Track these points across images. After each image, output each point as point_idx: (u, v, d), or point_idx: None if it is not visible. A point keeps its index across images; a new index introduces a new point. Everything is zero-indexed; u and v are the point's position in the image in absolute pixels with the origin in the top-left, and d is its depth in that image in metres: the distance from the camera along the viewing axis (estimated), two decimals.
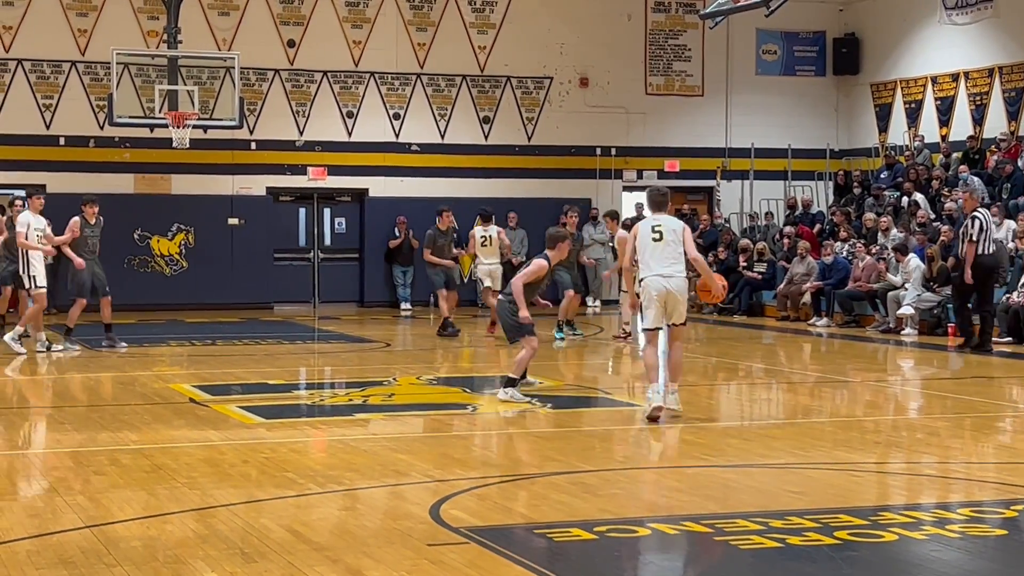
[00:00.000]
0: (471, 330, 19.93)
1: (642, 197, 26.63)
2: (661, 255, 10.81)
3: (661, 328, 10.99)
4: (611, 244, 25.68)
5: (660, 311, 10.81)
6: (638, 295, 11.09)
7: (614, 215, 19.57)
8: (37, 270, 16.13)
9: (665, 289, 10.76)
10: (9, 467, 8.79)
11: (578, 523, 7.03)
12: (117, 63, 20.50)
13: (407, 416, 11.33)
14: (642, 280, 10.92)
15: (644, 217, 25.93)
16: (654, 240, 10.87)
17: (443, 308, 18.75)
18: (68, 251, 16.62)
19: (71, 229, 16.76)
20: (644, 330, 11.07)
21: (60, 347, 16.28)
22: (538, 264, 12.28)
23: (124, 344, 16.80)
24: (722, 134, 27.11)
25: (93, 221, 16.96)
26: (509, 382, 11.94)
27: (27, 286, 16.34)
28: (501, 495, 7.90)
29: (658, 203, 11.31)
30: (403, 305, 24.45)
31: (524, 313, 12.02)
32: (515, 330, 12.23)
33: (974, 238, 16.46)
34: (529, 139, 26.04)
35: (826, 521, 7.05)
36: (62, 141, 23.53)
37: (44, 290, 16.30)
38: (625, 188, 26.75)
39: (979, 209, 16.95)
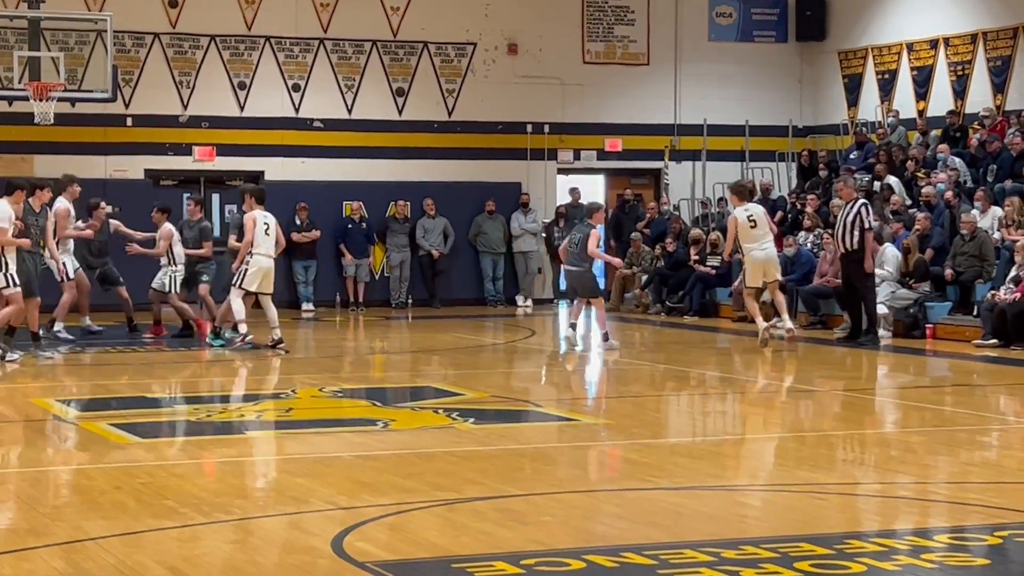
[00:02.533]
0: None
1: (577, 180, 27.00)
2: (757, 235, 17.75)
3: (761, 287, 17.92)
4: (543, 235, 25.80)
5: (760, 273, 17.84)
6: None
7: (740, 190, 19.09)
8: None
9: (764, 257, 17.78)
10: None
11: (503, 556, 7.03)
12: None
13: (307, 434, 11.28)
14: (748, 253, 17.92)
15: (579, 203, 26.22)
16: (751, 227, 17.75)
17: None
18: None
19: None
20: (748, 287, 18.13)
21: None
22: (596, 233, 17.88)
23: (17, 356, 16.37)
24: (670, 109, 27.26)
25: (39, 209, 16.91)
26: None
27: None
28: (415, 524, 7.89)
29: (742, 194, 18.27)
30: (305, 305, 24.35)
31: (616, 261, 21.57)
32: (595, 289, 18.44)
33: (869, 225, 18.02)
34: (450, 114, 26.03)
35: (786, 550, 7.10)
36: None
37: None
38: (560, 170, 26.82)
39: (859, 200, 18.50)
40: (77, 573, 6.77)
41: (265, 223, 17.15)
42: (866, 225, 17.93)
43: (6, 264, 15.92)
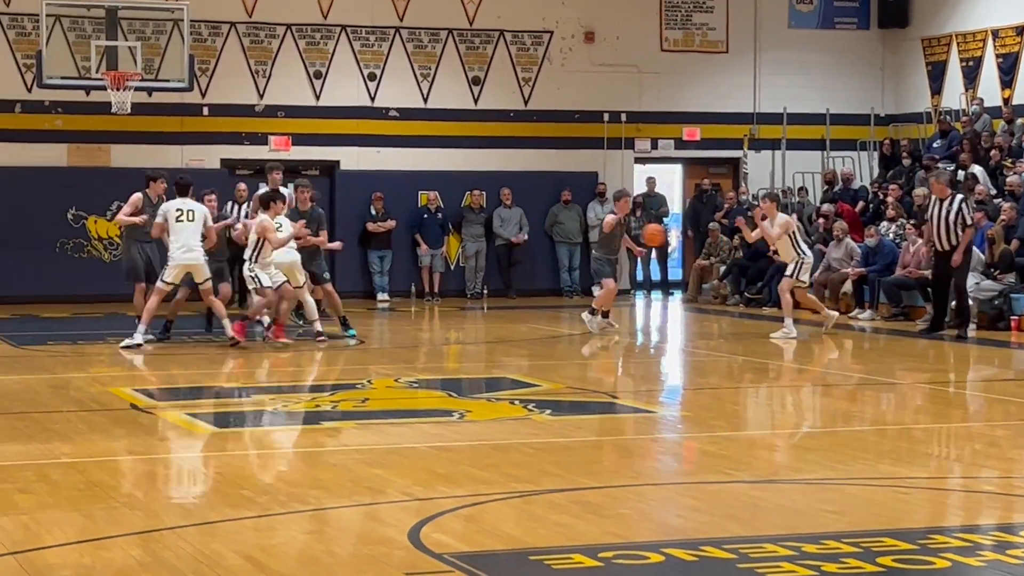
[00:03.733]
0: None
1: (654, 170, 26.92)
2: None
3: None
4: None
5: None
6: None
7: (775, 197, 19.25)
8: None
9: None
10: None
11: (580, 548, 7.03)
12: (47, 15, 20.45)
13: (383, 424, 11.33)
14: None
15: (655, 193, 26.17)
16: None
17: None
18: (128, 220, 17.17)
19: (132, 204, 17.10)
20: (801, 283, 18.48)
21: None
22: (610, 219, 18.21)
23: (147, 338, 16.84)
24: (750, 97, 27.10)
25: (156, 199, 17.15)
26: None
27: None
28: (492, 516, 7.90)
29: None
30: (380, 296, 24.45)
31: (638, 250, 20.39)
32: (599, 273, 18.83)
33: (971, 221, 17.78)
34: (526, 103, 26.02)
35: (868, 545, 7.05)
36: None
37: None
38: (637, 160, 26.74)
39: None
40: (155, 562, 6.84)
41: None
42: (968, 221, 17.65)
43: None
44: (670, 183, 27.83)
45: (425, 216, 24.96)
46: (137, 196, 17.20)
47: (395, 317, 22.28)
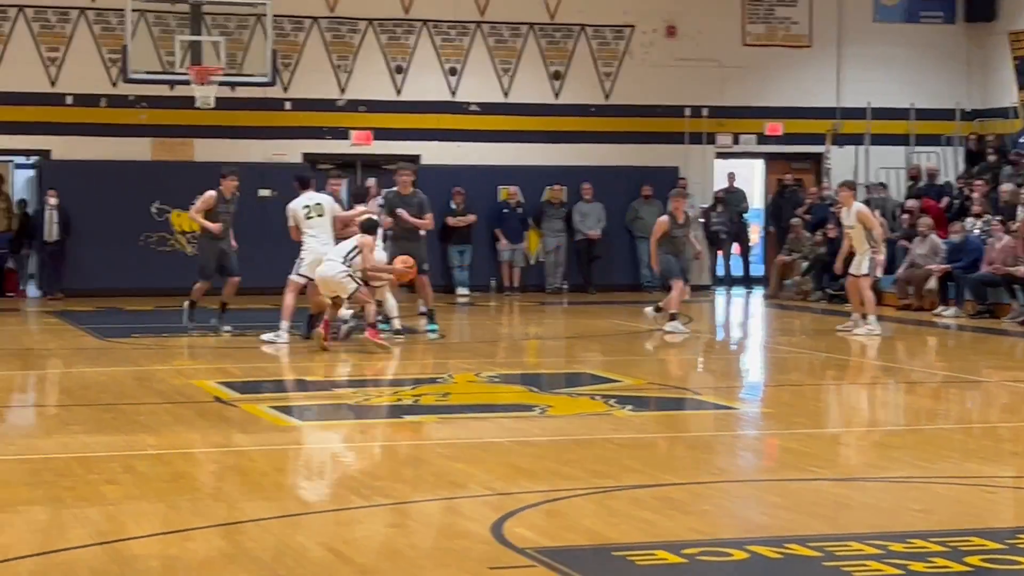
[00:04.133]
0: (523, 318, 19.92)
1: (735, 165, 26.81)
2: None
3: None
4: (700, 220, 25.66)
5: None
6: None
7: (852, 185, 18.86)
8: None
9: None
10: (9, 475, 8.90)
11: (663, 544, 7.01)
12: (132, 10, 20.70)
13: (464, 419, 11.35)
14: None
15: (735, 188, 26.11)
16: None
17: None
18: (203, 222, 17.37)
19: (205, 201, 17.26)
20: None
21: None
22: (661, 220, 17.87)
23: (229, 328, 17.20)
24: (833, 92, 26.91)
25: (230, 196, 17.30)
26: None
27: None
28: (574, 511, 7.90)
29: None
30: (460, 290, 24.51)
31: (653, 264, 18.60)
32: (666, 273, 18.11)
33: None
34: (607, 98, 25.99)
35: (955, 545, 6.98)
36: (69, 100, 23.77)
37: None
38: (719, 155, 26.65)
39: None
40: (239, 553, 6.89)
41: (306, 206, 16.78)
42: None
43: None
44: (751, 178, 27.71)
45: (505, 211, 25.00)
46: (211, 194, 17.27)
47: (475, 312, 22.32)
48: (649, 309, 18.44)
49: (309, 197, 16.65)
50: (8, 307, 22.34)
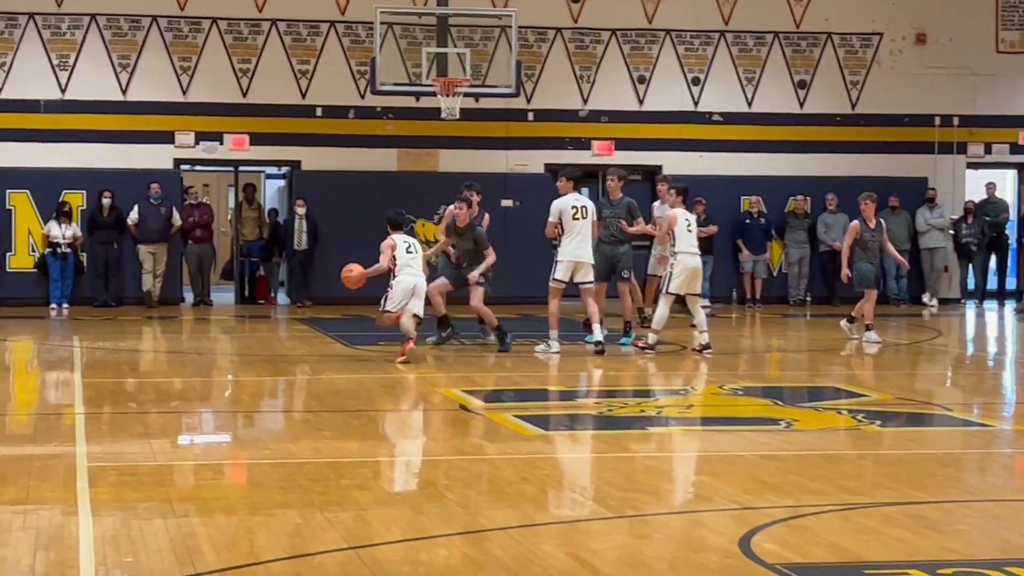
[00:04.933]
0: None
1: (988, 175, 26.12)
2: None
3: None
4: (950, 232, 25.09)
5: None
6: None
7: None
8: None
9: None
10: (264, 478, 9.15)
11: (918, 564, 6.87)
12: (380, 23, 21.04)
13: (709, 431, 11.29)
14: None
15: (995, 199, 25.43)
16: None
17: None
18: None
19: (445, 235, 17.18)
20: None
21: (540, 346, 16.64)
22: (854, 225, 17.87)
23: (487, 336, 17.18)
24: None
25: (465, 226, 16.81)
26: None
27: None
28: (823, 527, 7.78)
29: None
30: (701, 302, 24.32)
31: (844, 272, 18.01)
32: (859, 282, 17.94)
33: None
34: (853, 107, 25.59)
35: None
36: (319, 112, 24.34)
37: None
38: (970, 165, 26.03)
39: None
40: (487, 560, 6.96)
41: (687, 220, 16.59)
42: None
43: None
44: (1002, 189, 27.00)
45: (747, 221, 24.80)
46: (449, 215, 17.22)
47: (716, 323, 22.12)
48: (844, 322, 18.15)
49: (576, 198, 16.62)
50: (259, 314, 22.99)
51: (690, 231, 16.49)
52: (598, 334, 16.25)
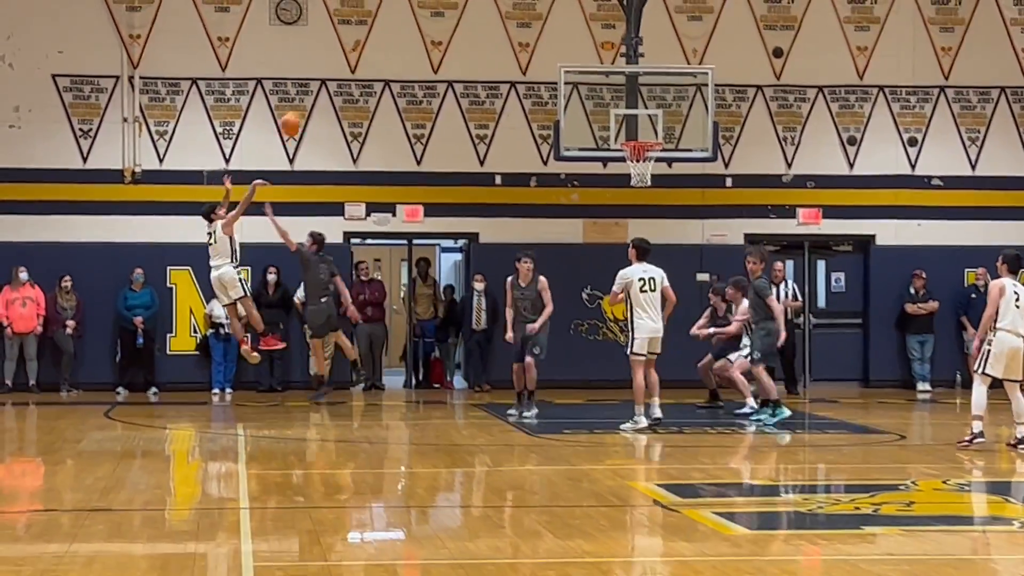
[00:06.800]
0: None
1: None
2: None
3: None
4: None
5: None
6: None
7: None
8: None
9: None
10: None
11: None
12: (565, 83, 21.17)
13: (932, 532, 11.06)
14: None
15: None
16: None
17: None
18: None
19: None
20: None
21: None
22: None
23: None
24: None
25: (526, 283, 17.68)
26: None
27: None
28: None
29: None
30: (920, 385, 24.01)
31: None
32: None
33: None
34: None
35: None
36: (498, 180, 24.53)
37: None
38: None
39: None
40: None
41: (1015, 292, 15.70)
42: None
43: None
44: None
45: (973, 296, 24.37)
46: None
47: (937, 410, 21.78)
48: None
49: (644, 269, 17.09)
50: (435, 399, 23.16)
51: (1017, 306, 15.61)
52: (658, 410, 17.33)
